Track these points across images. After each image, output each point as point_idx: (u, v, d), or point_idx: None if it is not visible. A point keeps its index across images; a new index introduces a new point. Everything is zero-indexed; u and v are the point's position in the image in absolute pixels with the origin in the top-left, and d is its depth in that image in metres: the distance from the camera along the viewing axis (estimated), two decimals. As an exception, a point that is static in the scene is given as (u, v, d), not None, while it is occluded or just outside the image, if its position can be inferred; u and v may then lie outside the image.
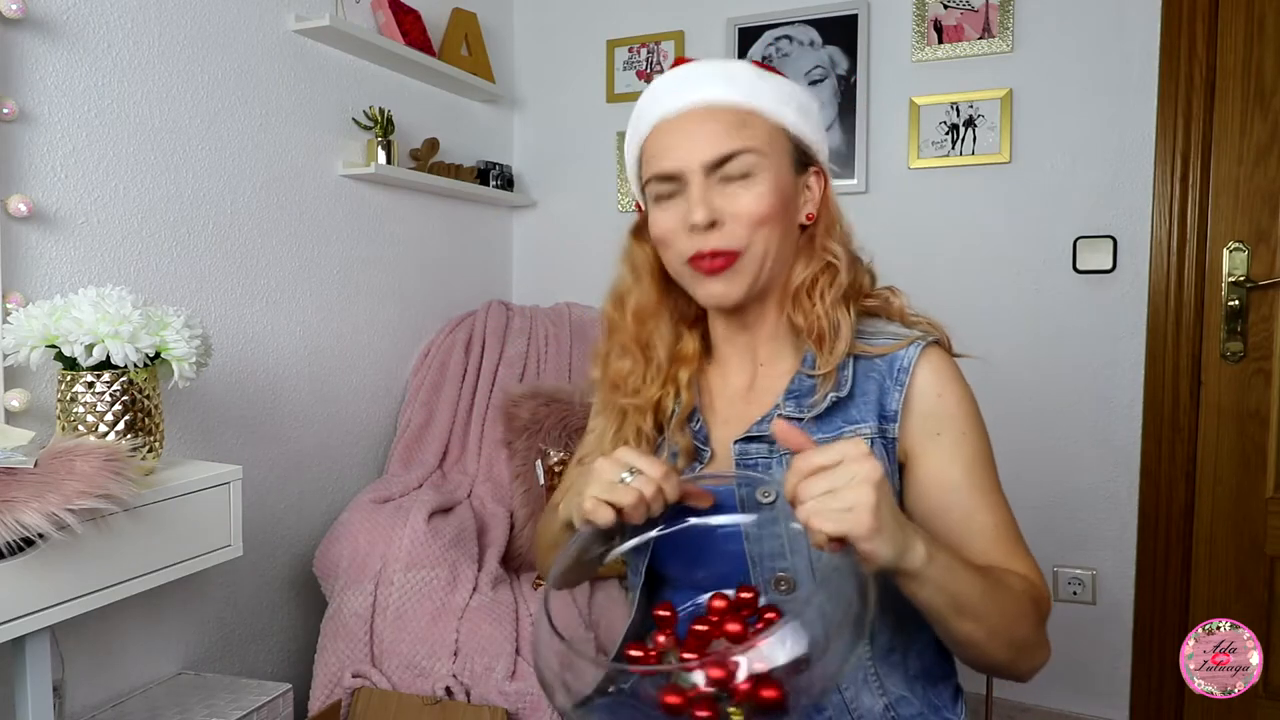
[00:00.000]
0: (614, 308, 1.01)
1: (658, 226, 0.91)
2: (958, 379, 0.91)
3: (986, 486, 0.89)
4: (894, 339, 0.91)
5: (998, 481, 0.91)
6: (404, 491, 2.00)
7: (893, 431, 0.88)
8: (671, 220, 0.90)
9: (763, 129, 0.89)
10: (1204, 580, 2.09)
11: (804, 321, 0.92)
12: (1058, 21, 2.14)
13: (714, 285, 0.89)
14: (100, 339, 1.21)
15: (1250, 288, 2.02)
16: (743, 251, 0.88)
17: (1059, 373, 2.18)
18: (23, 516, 1.03)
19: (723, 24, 2.45)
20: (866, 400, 0.89)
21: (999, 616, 0.79)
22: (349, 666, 1.72)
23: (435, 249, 2.43)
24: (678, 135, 0.89)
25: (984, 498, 0.88)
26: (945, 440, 0.88)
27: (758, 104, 0.89)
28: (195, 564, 1.34)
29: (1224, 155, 2.03)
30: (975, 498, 0.88)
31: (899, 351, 0.90)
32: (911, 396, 0.88)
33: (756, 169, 0.87)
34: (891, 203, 2.31)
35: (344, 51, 2.08)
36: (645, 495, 0.78)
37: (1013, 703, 2.25)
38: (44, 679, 1.23)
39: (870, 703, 0.87)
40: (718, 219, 0.87)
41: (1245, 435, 2.04)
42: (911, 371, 0.89)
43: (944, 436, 0.88)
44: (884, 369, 0.90)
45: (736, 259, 0.88)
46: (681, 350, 0.99)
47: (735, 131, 0.87)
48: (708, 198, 0.87)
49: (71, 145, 1.50)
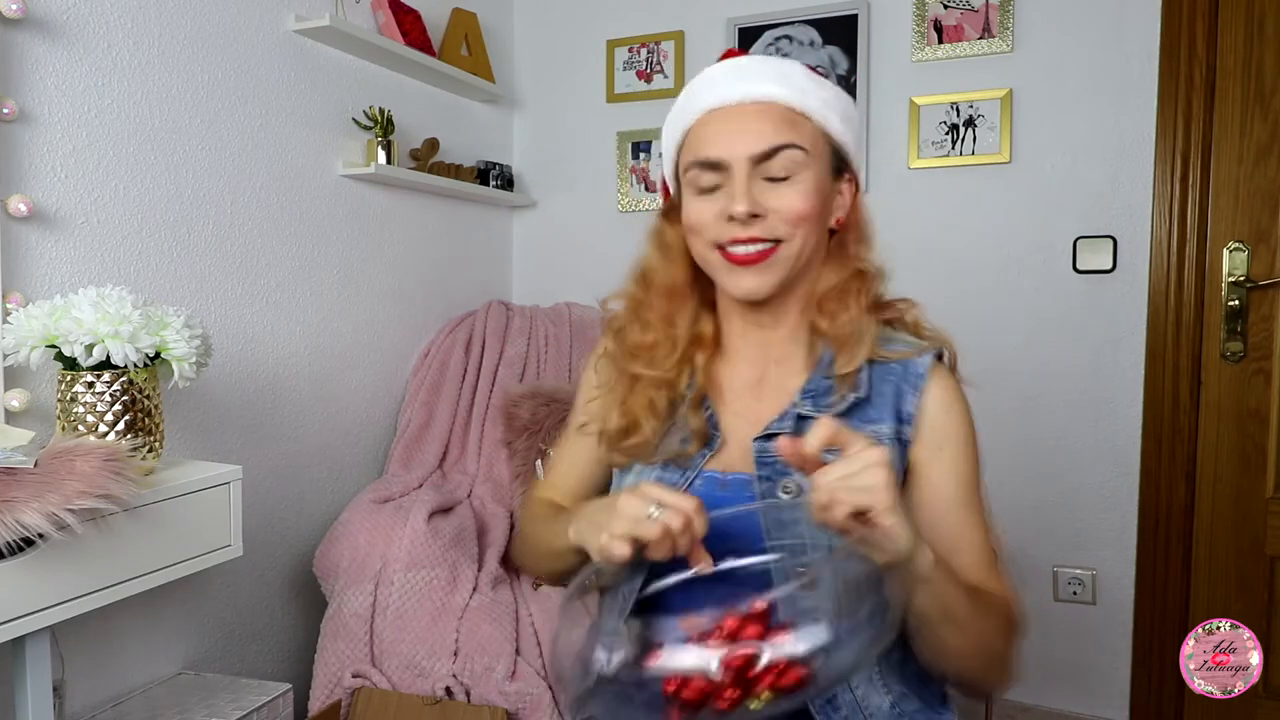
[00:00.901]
0: (639, 285, 1.01)
1: (693, 214, 0.92)
2: (962, 398, 0.93)
3: (976, 506, 0.92)
4: (910, 345, 0.93)
5: (984, 503, 0.94)
6: (404, 491, 2.00)
7: (907, 434, 0.90)
8: (710, 209, 0.90)
9: (809, 131, 0.90)
10: (1204, 580, 2.09)
11: (829, 325, 0.92)
12: (1058, 21, 2.14)
13: (747, 278, 0.90)
14: (100, 339, 1.21)
15: (1250, 288, 2.02)
16: (780, 245, 0.89)
17: (1059, 373, 2.18)
18: (23, 516, 1.03)
19: (723, 24, 2.45)
20: (884, 402, 0.91)
21: (981, 631, 0.83)
22: (349, 666, 1.72)
23: (435, 249, 2.43)
24: (729, 125, 0.89)
25: (974, 517, 0.91)
26: (946, 456, 0.91)
27: (807, 106, 0.90)
28: (195, 564, 1.34)
29: (1224, 155, 2.03)
30: (967, 516, 0.91)
31: (915, 358, 0.92)
32: (924, 405, 0.90)
33: (800, 168, 0.88)
34: (891, 203, 2.31)
35: (344, 51, 2.08)
36: (673, 529, 0.77)
37: (1013, 703, 2.25)
38: (44, 679, 1.23)
39: (878, 700, 0.89)
40: (759, 212, 0.87)
41: (1245, 435, 2.04)
42: (928, 379, 0.91)
43: (945, 452, 0.91)
44: (899, 373, 0.92)
45: (772, 253, 0.89)
46: (700, 332, 0.99)
47: (785, 128, 0.88)
48: (751, 190, 0.87)
49: (71, 145, 1.50)
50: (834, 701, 0.87)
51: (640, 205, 2.56)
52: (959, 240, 2.25)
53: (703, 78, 0.94)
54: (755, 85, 0.90)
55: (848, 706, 0.87)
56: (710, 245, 0.91)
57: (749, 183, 0.88)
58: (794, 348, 0.96)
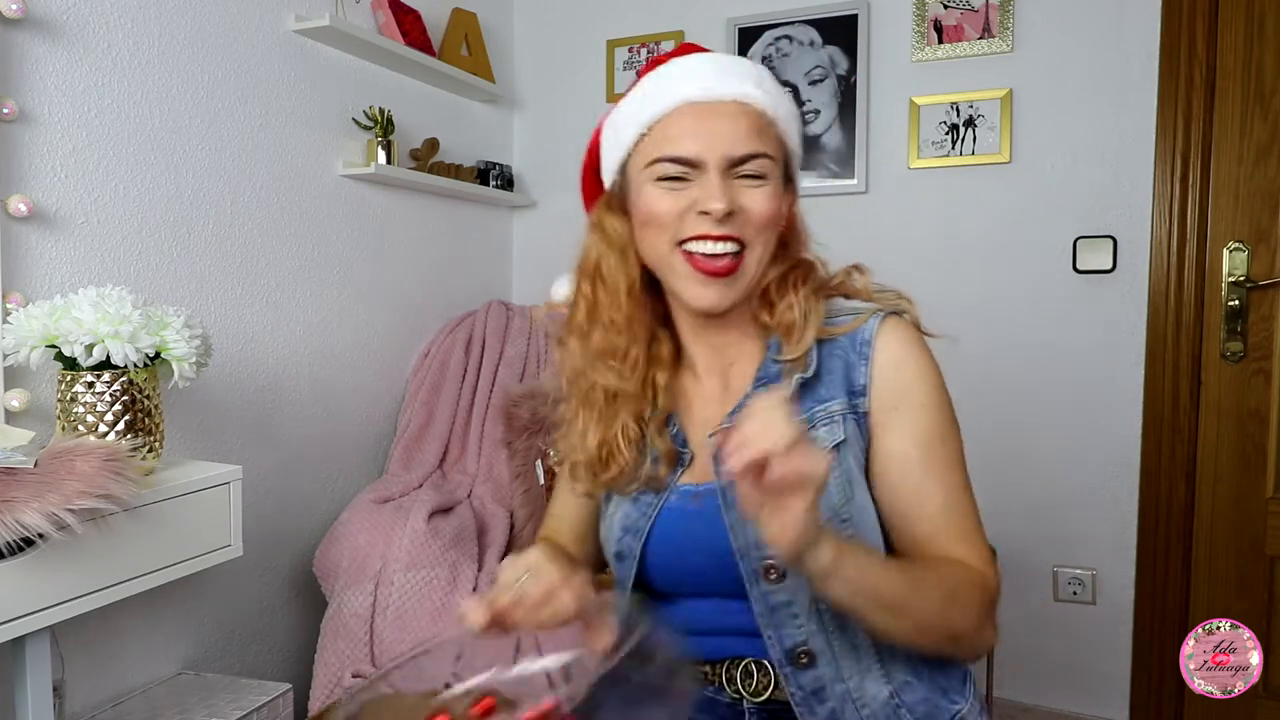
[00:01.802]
0: (591, 283, 0.95)
1: (655, 204, 0.87)
2: (918, 351, 0.90)
3: (944, 463, 0.87)
4: (854, 314, 0.91)
5: (958, 458, 0.89)
6: (404, 491, 2.00)
7: (863, 406, 0.88)
8: (676, 203, 0.86)
9: (774, 137, 0.89)
10: (1204, 580, 2.09)
11: (771, 316, 0.91)
12: (1058, 21, 2.14)
13: (712, 291, 0.87)
14: (100, 339, 1.21)
15: (1250, 288, 2.02)
16: (744, 253, 0.87)
17: (1059, 372, 2.18)
18: (23, 516, 1.03)
19: (723, 24, 2.45)
20: (833, 378, 0.89)
21: (926, 611, 0.80)
22: (349, 666, 1.72)
23: (435, 249, 2.43)
24: (707, 124, 0.86)
25: (939, 475, 0.87)
26: (903, 414, 0.87)
27: (777, 114, 0.90)
28: (195, 564, 1.34)
29: (1224, 155, 2.03)
30: (929, 474, 0.86)
31: (860, 326, 0.90)
32: (875, 370, 0.88)
33: (768, 174, 0.87)
34: (891, 203, 2.31)
35: (344, 51, 2.08)
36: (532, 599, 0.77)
37: (1013, 703, 2.25)
38: (44, 679, 1.24)
39: (875, 690, 0.87)
40: (734, 210, 0.85)
41: (1245, 435, 2.04)
42: (873, 344, 0.89)
43: (901, 411, 0.87)
44: (847, 345, 0.90)
45: (740, 264, 0.87)
46: (656, 353, 0.96)
47: (760, 134, 0.87)
48: (725, 189, 0.85)
49: (71, 145, 1.50)
50: (820, 694, 0.86)
51: (640, 205, 2.56)
52: (959, 240, 2.25)
53: (680, 68, 0.89)
54: (737, 84, 0.88)
55: (837, 698, 0.86)
56: (671, 243, 0.87)
57: (723, 180, 0.85)
58: (746, 345, 0.94)
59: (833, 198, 2.36)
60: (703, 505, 0.89)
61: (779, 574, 0.85)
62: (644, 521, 0.93)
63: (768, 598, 0.86)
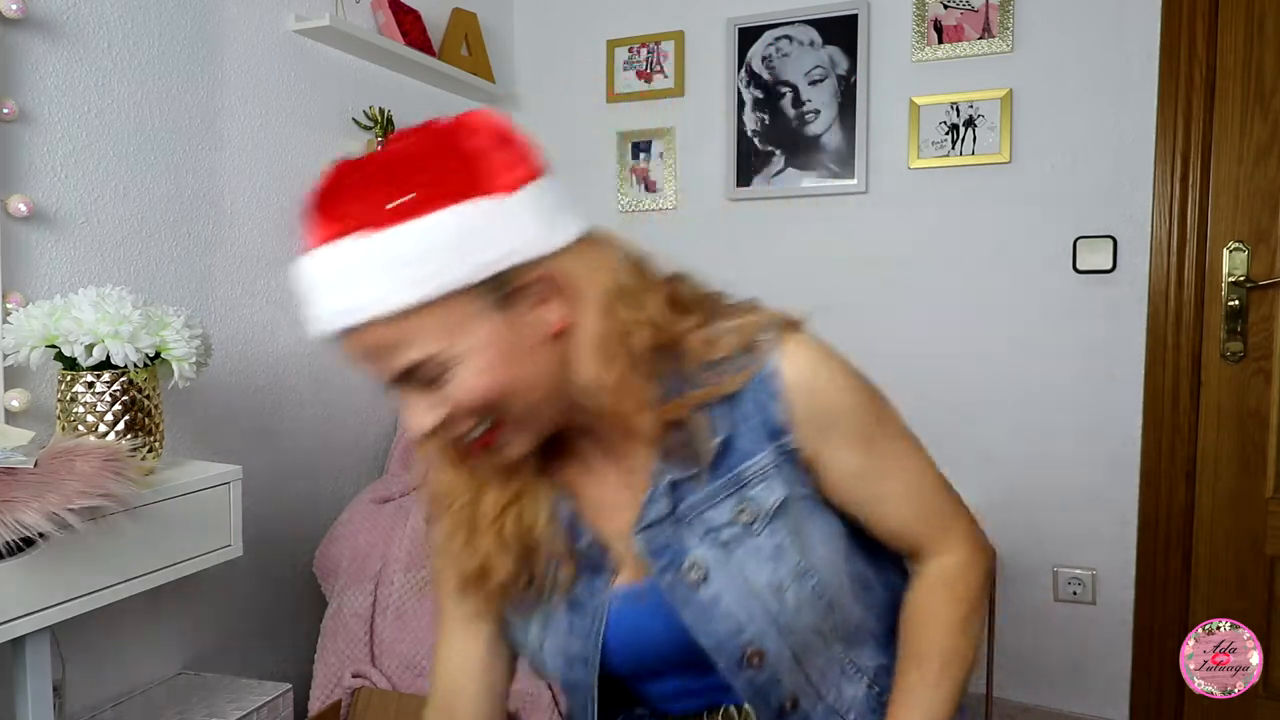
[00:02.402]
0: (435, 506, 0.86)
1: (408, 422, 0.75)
2: (826, 366, 0.80)
3: (890, 453, 0.83)
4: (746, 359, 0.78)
5: (902, 436, 0.84)
6: (404, 491, 2.00)
7: (790, 443, 0.79)
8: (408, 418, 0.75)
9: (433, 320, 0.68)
10: (1204, 580, 2.09)
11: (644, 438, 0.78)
12: (1058, 21, 2.14)
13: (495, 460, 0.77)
14: (100, 339, 1.22)
15: (1250, 288, 2.02)
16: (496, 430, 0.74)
17: (1059, 373, 2.18)
18: (23, 516, 1.03)
19: (723, 24, 2.45)
20: (750, 425, 0.78)
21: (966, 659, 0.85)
22: (349, 666, 1.72)
23: (435, 249, 2.43)
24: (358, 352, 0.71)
25: (889, 467, 0.83)
26: (834, 433, 0.80)
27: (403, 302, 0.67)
28: (195, 564, 1.34)
29: (1224, 155, 2.03)
30: (880, 475, 0.82)
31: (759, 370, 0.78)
32: (790, 401, 0.78)
33: (450, 362, 0.69)
34: (891, 203, 2.31)
35: (344, 51, 2.08)
36: None
37: (1013, 703, 2.25)
38: (44, 679, 1.23)
39: (852, 691, 0.85)
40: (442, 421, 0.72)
41: (1245, 435, 2.04)
42: (780, 376, 0.78)
43: (833, 430, 0.80)
44: (752, 390, 0.78)
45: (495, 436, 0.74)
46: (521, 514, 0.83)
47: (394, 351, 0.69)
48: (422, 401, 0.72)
49: (71, 145, 1.50)
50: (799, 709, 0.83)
51: (640, 205, 2.56)
52: (959, 240, 2.25)
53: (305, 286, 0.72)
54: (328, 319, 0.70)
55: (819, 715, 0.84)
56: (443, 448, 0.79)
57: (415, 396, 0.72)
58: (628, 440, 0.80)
59: (832, 198, 2.36)
60: (646, 603, 0.81)
61: (760, 657, 0.80)
62: (589, 648, 0.83)
63: (753, 681, 0.81)
